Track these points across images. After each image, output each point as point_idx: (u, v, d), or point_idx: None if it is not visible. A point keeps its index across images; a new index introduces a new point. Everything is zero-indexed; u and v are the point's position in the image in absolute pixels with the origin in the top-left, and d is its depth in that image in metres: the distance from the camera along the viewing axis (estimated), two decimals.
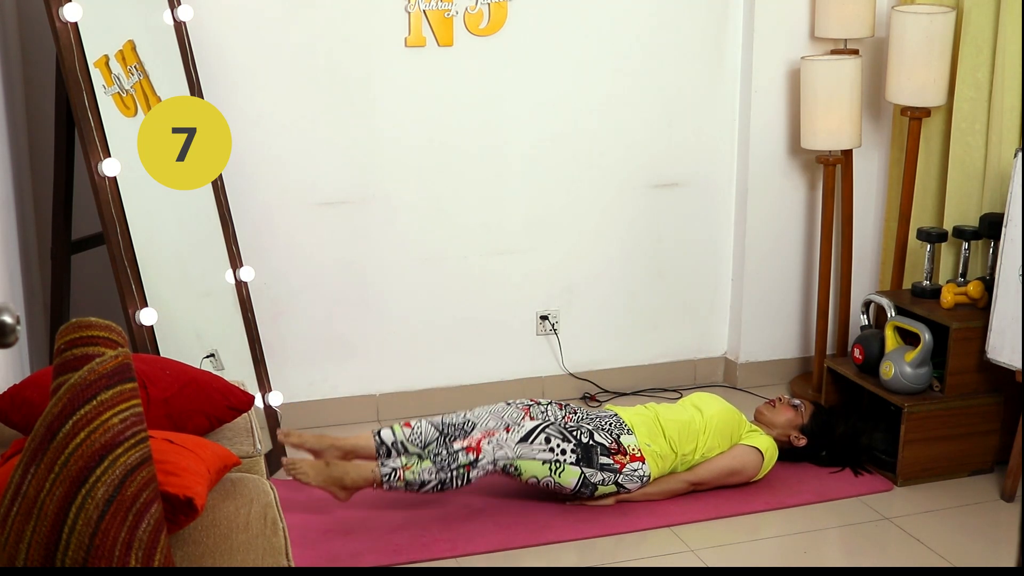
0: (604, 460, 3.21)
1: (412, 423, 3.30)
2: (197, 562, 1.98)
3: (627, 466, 3.23)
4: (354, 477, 3.10)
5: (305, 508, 3.26)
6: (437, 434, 3.28)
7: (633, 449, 3.25)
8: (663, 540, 3.13)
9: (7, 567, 1.61)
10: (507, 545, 3.08)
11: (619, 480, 3.22)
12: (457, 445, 3.14)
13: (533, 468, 3.17)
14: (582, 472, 3.19)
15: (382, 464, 3.11)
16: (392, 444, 3.26)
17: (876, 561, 3.05)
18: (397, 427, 3.28)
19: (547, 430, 3.20)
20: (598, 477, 3.20)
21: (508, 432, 3.18)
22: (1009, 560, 3.02)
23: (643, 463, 3.24)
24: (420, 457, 3.14)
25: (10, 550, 1.61)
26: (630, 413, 3.37)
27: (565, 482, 3.19)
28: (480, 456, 3.12)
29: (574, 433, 3.22)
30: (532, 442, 3.17)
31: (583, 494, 3.23)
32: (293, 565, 2.08)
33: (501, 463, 3.14)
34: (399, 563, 2.99)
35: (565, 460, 3.18)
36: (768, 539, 3.17)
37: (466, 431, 3.30)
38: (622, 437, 3.26)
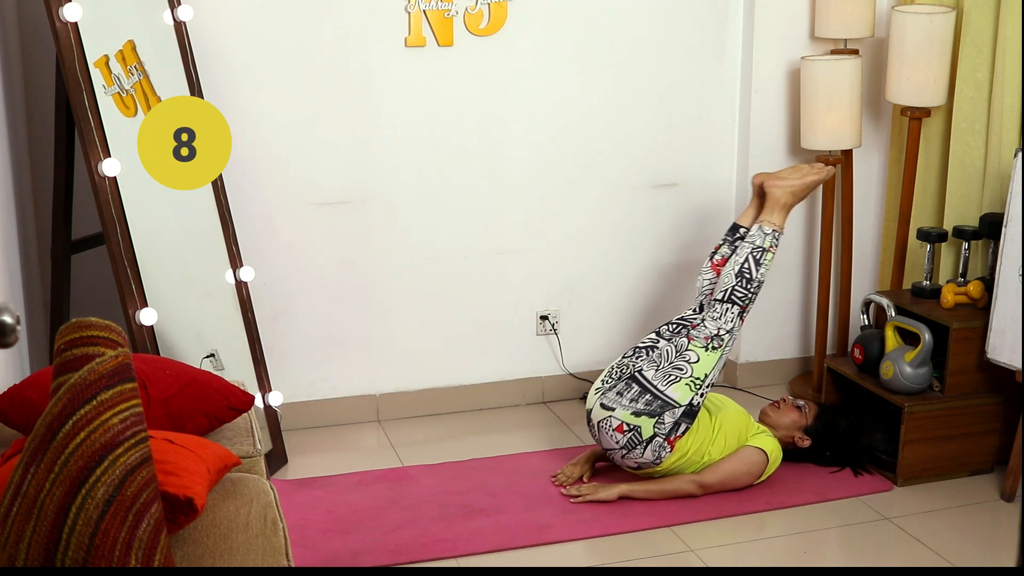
0: (680, 426, 3.25)
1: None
2: (197, 562, 1.98)
3: (668, 442, 3.24)
4: (791, 201, 3.53)
5: (305, 508, 3.26)
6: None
7: (679, 439, 3.26)
8: (663, 540, 3.13)
9: (7, 567, 1.62)
10: (507, 545, 3.08)
11: (655, 440, 3.24)
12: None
13: (707, 362, 3.30)
14: (682, 407, 3.24)
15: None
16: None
17: (876, 561, 3.05)
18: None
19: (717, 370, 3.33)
20: (668, 420, 3.23)
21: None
22: (1009, 560, 3.02)
23: (671, 452, 3.26)
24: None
25: (10, 550, 1.61)
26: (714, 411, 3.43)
27: (676, 388, 3.26)
28: (743, 324, 3.39)
29: (702, 395, 3.30)
30: (720, 369, 3.34)
31: (636, 406, 3.24)
32: (293, 565, 2.08)
33: (727, 337, 3.33)
34: (399, 563, 2.99)
35: (697, 391, 3.26)
36: (768, 539, 3.17)
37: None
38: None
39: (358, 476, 3.50)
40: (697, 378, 3.28)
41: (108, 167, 2.98)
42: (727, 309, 3.35)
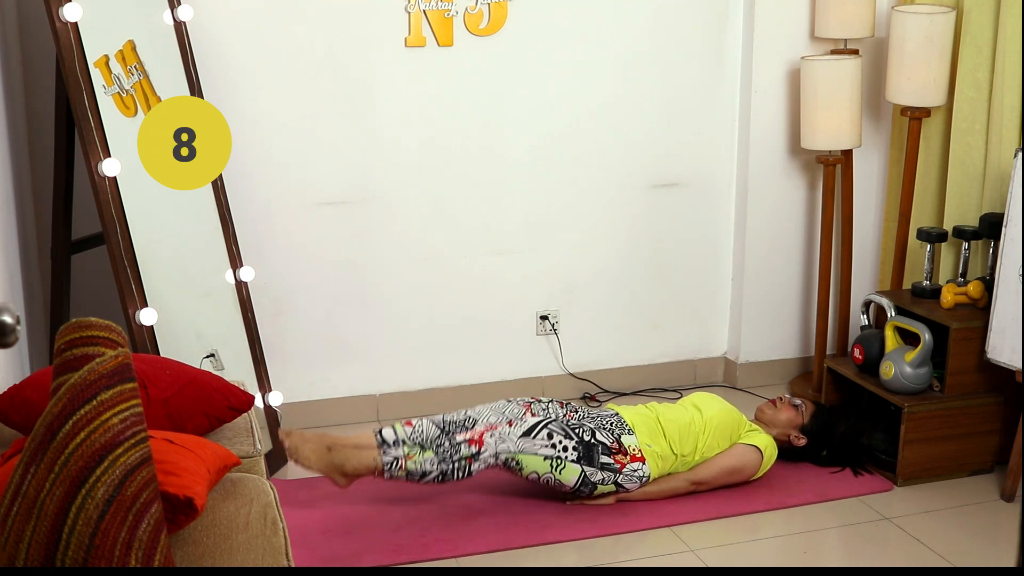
0: (605, 459, 3.21)
1: (414, 422, 3.29)
2: (197, 562, 1.98)
3: (627, 466, 3.23)
4: (355, 464, 3.10)
5: (305, 508, 3.26)
6: (439, 431, 3.28)
7: (634, 449, 3.25)
8: (663, 540, 3.13)
9: (7, 567, 1.61)
10: (507, 545, 3.08)
11: (619, 480, 3.22)
12: (460, 437, 3.14)
13: (534, 463, 3.17)
14: (583, 470, 3.19)
15: (384, 452, 3.11)
16: (394, 442, 3.26)
17: (876, 561, 3.05)
18: (399, 426, 3.27)
19: (549, 426, 3.20)
20: (598, 476, 3.20)
21: (511, 426, 3.18)
22: (1009, 560, 3.02)
23: (643, 463, 3.25)
24: (423, 447, 3.13)
25: (10, 550, 1.61)
26: (631, 413, 3.37)
27: (565, 479, 3.19)
28: (482, 448, 3.12)
29: (576, 431, 3.22)
30: (534, 437, 3.17)
31: (582, 492, 3.23)
32: (293, 565, 2.08)
33: (503, 456, 3.15)
34: (399, 563, 2.99)
35: (566, 457, 3.18)
36: (768, 539, 3.17)
37: (467, 427, 3.29)
38: (623, 437, 3.26)
39: None
40: (552, 467, 3.17)
41: (108, 167, 2.98)
42: (476, 470, 3.16)
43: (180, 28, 3.35)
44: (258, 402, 3.46)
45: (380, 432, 3.25)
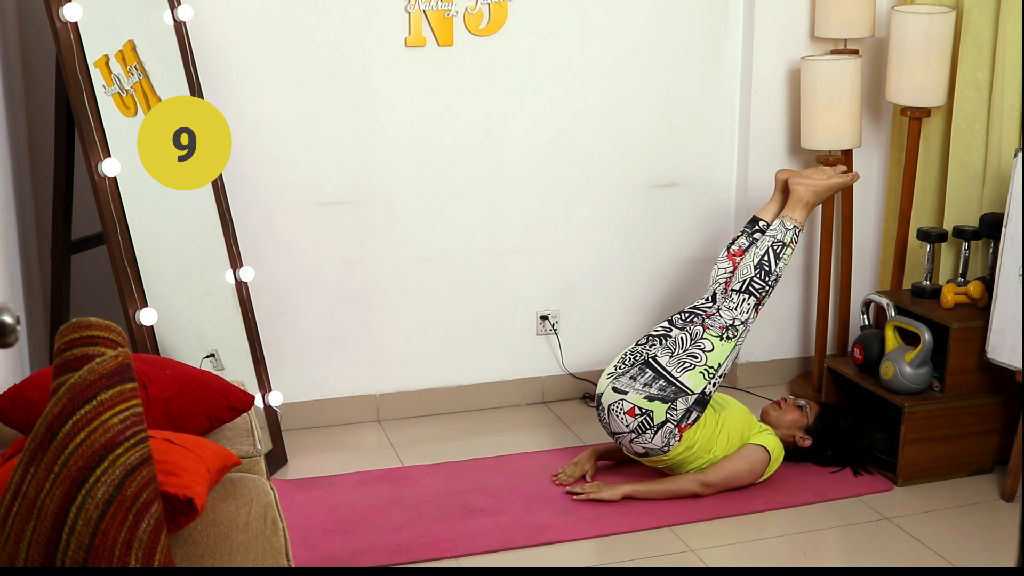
0: (692, 415, 3.26)
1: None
2: (197, 562, 1.98)
3: (678, 430, 3.25)
4: (813, 199, 3.53)
5: (305, 508, 3.26)
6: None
7: (689, 429, 3.27)
8: (663, 540, 3.13)
9: (7, 567, 1.61)
10: (507, 545, 3.08)
11: (666, 426, 3.24)
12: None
13: (722, 351, 3.32)
14: (695, 394, 3.26)
15: None
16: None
17: (876, 561, 3.05)
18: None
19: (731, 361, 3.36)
20: (681, 406, 3.25)
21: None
22: (1009, 560, 3.02)
23: (679, 442, 3.26)
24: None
25: (10, 550, 1.61)
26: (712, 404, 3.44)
27: (690, 376, 3.28)
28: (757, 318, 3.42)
29: (715, 385, 3.32)
30: (733, 361, 3.36)
31: (650, 391, 3.25)
32: (293, 565, 2.08)
33: (742, 328, 3.36)
34: (399, 563, 2.99)
35: (711, 380, 3.28)
36: (768, 539, 3.17)
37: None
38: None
39: (358, 476, 3.50)
40: (711, 367, 3.30)
41: (108, 167, 2.98)
42: (744, 300, 3.38)
43: (180, 28, 3.35)
44: (258, 402, 3.47)
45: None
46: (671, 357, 3.32)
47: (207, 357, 3.30)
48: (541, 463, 3.58)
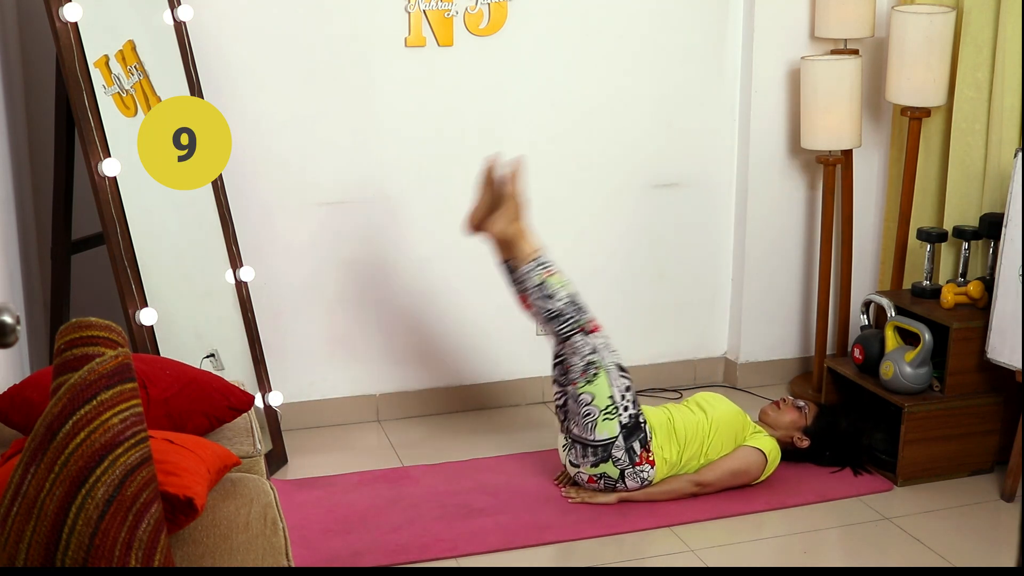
0: (635, 447, 3.22)
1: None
2: (197, 562, 1.98)
3: (640, 465, 3.23)
4: (520, 227, 3.31)
5: (305, 508, 3.26)
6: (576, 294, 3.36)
7: (650, 454, 3.25)
8: (663, 540, 3.13)
9: (7, 567, 1.62)
10: (507, 545, 3.08)
11: (626, 472, 3.23)
12: (589, 314, 3.28)
13: (600, 390, 3.21)
14: (618, 438, 3.21)
15: (545, 255, 3.30)
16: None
17: (876, 561, 3.05)
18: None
19: (632, 387, 3.28)
20: (620, 454, 3.22)
21: (614, 353, 3.29)
22: (1009, 560, 3.02)
23: (652, 468, 3.25)
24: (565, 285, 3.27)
25: (10, 550, 1.61)
26: (651, 415, 3.37)
27: (599, 430, 3.21)
28: (596, 334, 3.25)
29: (637, 409, 3.26)
30: (620, 376, 3.25)
31: (589, 460, 3.24)
32: (293, 565, 2.08)
33: (594, 359, 3.22)
34: (399, 563, 2.99)
35: (619, 415, 3.21)
36: (768, 539, 3.17)
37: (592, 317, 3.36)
38: (649, 439, 3.27)
39: (358, 476, 3.50)
40: (606, 407, 3.22)
41: (108, 167, 2.98)
42: (572, 341, 3.26)
43: (180, 28, 3.35)
44: (258, 402, 3.47)
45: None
46: (577, 426, 3.27)
47: (207, 357, 3.30)
48: (541, 463, 3.58)
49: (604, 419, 3.21)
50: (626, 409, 3.24)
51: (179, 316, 3.24)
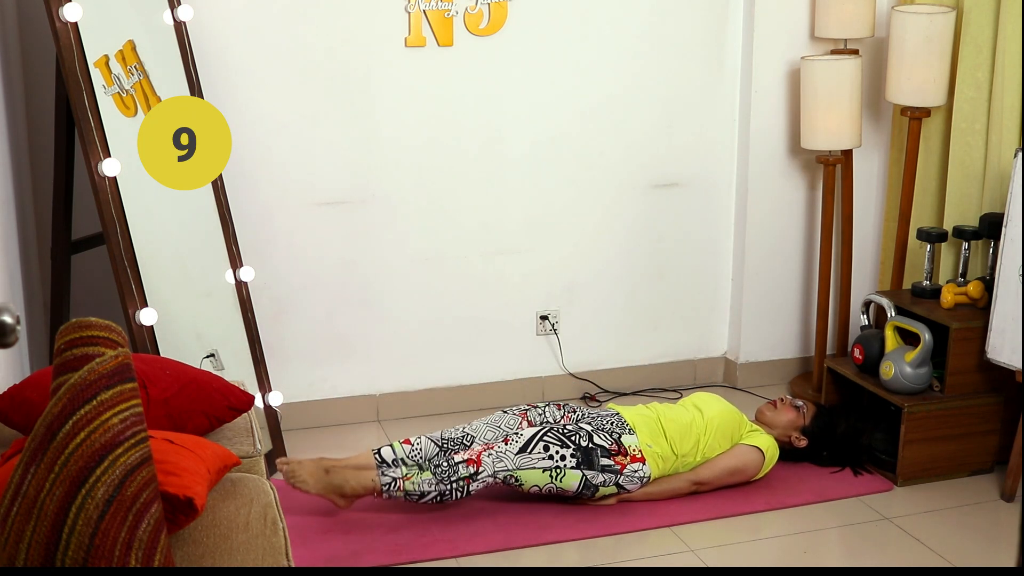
0: (605, 461, 3.21)
1: (412, 440, 3.29)
2: (197, 562, 1.98)
3: (628, 467, 3.23)
4: (354, 485, 3.11)
5: (305, 508, 3.26)
6: (437, 449, 3.29)
7: (634, 450, 3.25)
8: (663, 540, 3.13)
9: (7, 567, 1.61)
10: (507, 545, 3.08)
11: (620, 481, 3.22)
12: (458, 458, 3.14)
13: (534, 477, 3.17)
14: (583, 475, 3.19)
15: (382, 473, 3.12)
16: (392, 461, 3.26)
17: (876, 561, 3.05)
18: (397, 444, 3.28)
19: (545, 437, 3.20)
20: (599, 479, 3.20)
21: (507, 443, 3.19)
22: (1009, 560, 3.02)
23: (644, 464, 3.25)
24: (421, 468, 3.15)
25: (10, 550, 1.61)
26: (631, 413, 3.37)
27: (567, 486, 3.19)
28: (480, 469, 3.13)
29: (572, 438, 3.22)
30: (531, 452, 3.17)
31: (585, 496, 3.24)
32: (293, 565, 2.08)
33: (501, 475, 3.15)
34: (399, 563, 2.99)
35: (565, 465, 3.18)
36: (768, 539, 3.17)
37: (465, 444, 3.30)
38: (623, 437, 3.26)
39: None
40: (550, 478, 3.17)
41: (108, 167, 2.98)
42: (472, 489, 3.13)
43: (180, 28, 3.35)
44: (258, 402, 3.47)
45: (379, 452, 3.25)
46: (554, 495, 3.23)
47: (207, 357, 3.30)
48: None
49: (560, 482, 3.19)
50: (562, 458, 3.17)
51: (179, 316, 3.24)
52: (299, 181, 3.72)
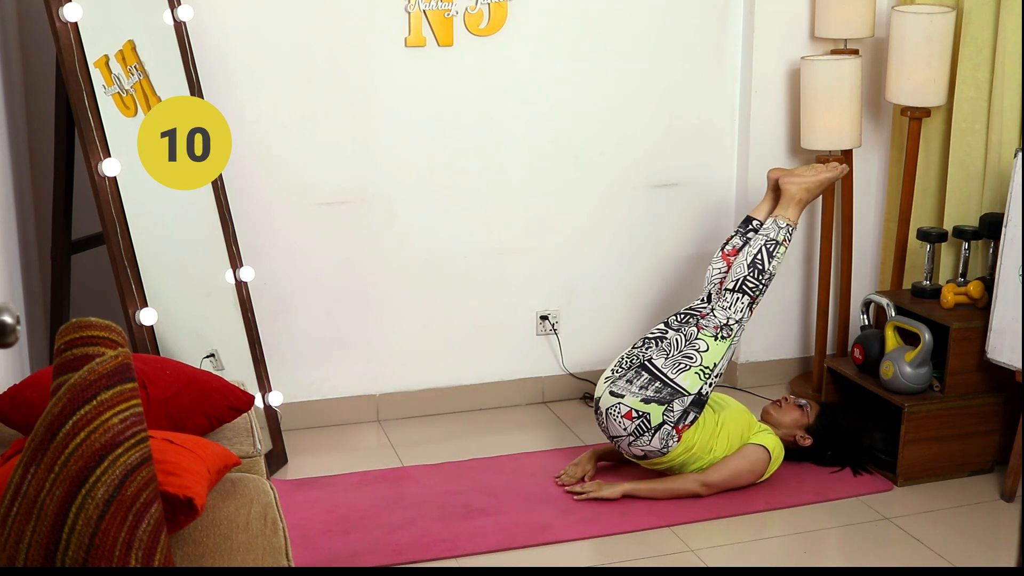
0: (688, 416, 3.26)
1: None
2: (197, 562, 1.98)
3: (674, 432, 3.25)
4: (803, 198, 3.54)
5: (305, 508, 3.26)
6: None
7: (687, 430, 3.27)
8: (663, 540, 3.13)
9: (7, 567, 1.62)
10: (507, 545, 3.08)
11: (662, 428, 3.25)
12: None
13: (716, 351, 3.32)
14: (688, 395, 3.26)
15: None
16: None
17: (876, 561, 3.05)
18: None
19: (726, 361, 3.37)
20: (677, 407, 3.26)
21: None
22: (1009, 560, 3.02)
23: (677, 443, 3.26)
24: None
25: (10, 550, 1.61)
26: (737, 409, 3.46)
27: (685, 377, 3.29)
28: (751, 317, 3.43)
29: (711, 391, 3.33)
30: (728, 360, 3.36)
31: (646, 392, 3.26)
32: (293, 565, 2.08)
33: (737, 327, 3.36)
34: (399, 563, 2.99)
35: (706, 380, 3.29)
36: (768, 539, 3.17)
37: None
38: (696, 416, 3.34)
39: (358, 476, 3.50)
40: (706, 367, 3.30)
41: (108, 167, 2.98)
42: (737, 299, 3.38)
43: (180, 28, 3.35)
44: (258, 402, 3.47)
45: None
46: (666, 359, 3.32)
47: (207, 357, 3.30)
48: (541, 463, 3.58)
49: (697, 372, 3.28)
50: (711, 386, 3.31)
51: (179, 316, 3.24)
52: (299, 181, 3.72)
